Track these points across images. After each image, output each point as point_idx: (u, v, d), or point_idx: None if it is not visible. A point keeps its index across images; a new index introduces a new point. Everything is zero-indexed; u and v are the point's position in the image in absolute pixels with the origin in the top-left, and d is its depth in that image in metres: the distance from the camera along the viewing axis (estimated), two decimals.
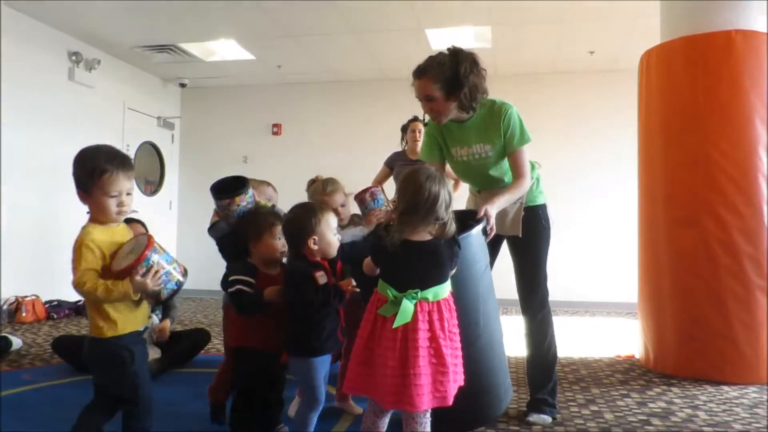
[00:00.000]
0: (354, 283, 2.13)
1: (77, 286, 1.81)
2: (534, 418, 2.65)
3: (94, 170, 1.87)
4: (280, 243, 2.26)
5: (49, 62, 5.91)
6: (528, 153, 2.59)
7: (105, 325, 1.87)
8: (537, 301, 2.70)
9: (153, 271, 1.82)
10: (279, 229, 2.27)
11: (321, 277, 2.10)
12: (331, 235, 2.16)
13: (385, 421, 2.05)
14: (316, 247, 2.12)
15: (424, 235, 1.94)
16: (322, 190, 2.81)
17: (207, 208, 2.70)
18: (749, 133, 3.50)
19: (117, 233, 1.95)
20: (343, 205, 2.82)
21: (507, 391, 2.50)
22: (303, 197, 2.53)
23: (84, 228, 1.90)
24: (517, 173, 2.57)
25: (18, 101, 5.47)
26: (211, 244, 2.72)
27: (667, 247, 3.68)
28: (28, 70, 5.62)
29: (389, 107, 7.17)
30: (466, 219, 2.34)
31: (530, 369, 2.76)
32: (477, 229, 2.28)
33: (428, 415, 1.91)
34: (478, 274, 2.30)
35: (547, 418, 2.66)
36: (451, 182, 2.03)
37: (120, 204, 1.91)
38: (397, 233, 1.91)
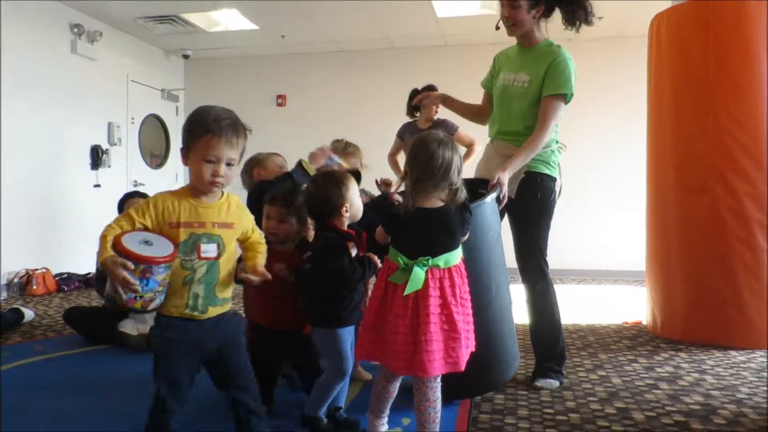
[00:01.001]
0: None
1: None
2: (541, 383, 2.67)
3: (195, 130, 1.70)
4: (270, 223, 2.28)
5: (51, 35, 5.86)
6: (561, 110, 2.57)
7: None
8: (533, 271, 2.67)
9: (136, 285, 1.58)
10: (272, 209, 2.29)
11: (353, 249, 2.10)
12: (357, 198, 2.16)
13: (396, 386, 2.07)
14: (347, 215, 2.11)
15: (435, 202, 1.93)
16: (342, 148, 2.85)
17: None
18: (761, 100, 3.46)
19: (210, 210, 1.74)
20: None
21: (515, 358, 2.53)
22: None
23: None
24: (540, 123, 2.55)
25: (21, 74, 5.43)
26: None
27: (676, 215, 3.67)
28: (30, 43, 5.57)
29: (395, 77, 7.10)
30: (478, 187, 2.34)
31: (534, 337, 2.77)
32: (491, 197, 2.28)
33: (439, 380, 1.92)
34: (490, 242, 2.30)
35: (554, 383, 2.69)
36: (463, 149, 2.02)
37: (215, 173, 1.69)
38: (412, 201, 1.91)
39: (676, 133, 3.69)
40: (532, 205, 2.60)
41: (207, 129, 1.68)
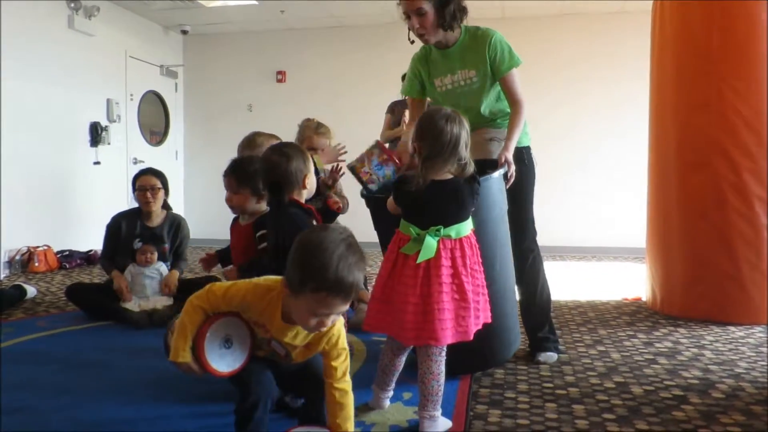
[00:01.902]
0: None
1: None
2: (542, 357, 2.68)
3: (310, 278, 1.48)
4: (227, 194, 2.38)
5: (48, 10, 5.79)
6: (519, 77, 2.54)
7: None
8: (526, 245, 2.67)
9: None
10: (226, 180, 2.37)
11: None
12: (313, 173, 2.18)
13: (402, 360, 2.10)
14: (308, 188, 2.11)
15: (446, 174, 1.95)
16: (315, 126, 2.88)
17: (212, 157, 2.71)
18: (765, 73, 3.42)
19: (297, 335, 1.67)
20: (323, 150, 2.91)
21: (517, 336, 2.55)
22: None
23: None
24: (512, 99, 2.53)
25: (18, 51, 5.38)
26: (218, 195, 2.76)
27: (677, 191, 3.66)
28: (26, 19, 5.50)
29: (396, 52, 7.01)
30: (485, 168, 2.34)
31: (525, 312, 2.76)
32: (498, 173, 2.29)
33: (444, 354, 1.94)
34: (496, 218, 2.31)
35: (554, 355, 2.71)
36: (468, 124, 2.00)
37: (320, 324, 1.57)
38: (423, 177, 1.91)
39: (677, 107, 3.67)
40: (520, 178, 2.53)
41: (325, 285, 1.44)
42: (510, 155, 2.40)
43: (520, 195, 2.60)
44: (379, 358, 2.13)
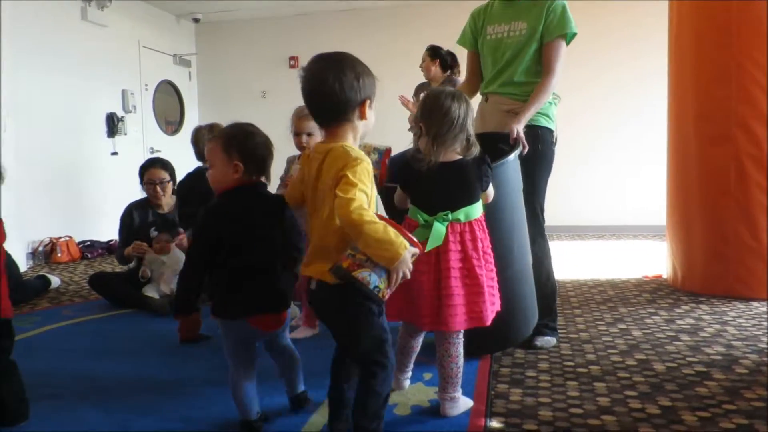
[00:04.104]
0: None
1: (356, 207, 1.48)
2: (540, 341, 2.61)
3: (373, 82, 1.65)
4: None
5: (61, 2, 5.81)
6: (565, 52, 2.51)
7: None
8: (532, 228, 2.52)
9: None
10: None
11: None
12: None
13: (419, 341, 2.10)
14: None
15: (452, 156, 1.92)
16: (300, 110, 2.79)
17: None
18: None
19: None
20: (310, 134, 2.78)
21: (534, 315, 2.52)
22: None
23: (350, 146, 1.61)
24: (546, 68, 2.50)
25: (33, 43, 5.42)
26: None
27: (697, 166, 3.61)
28: (40, 12, 5.54)
29: (410, 34, 6.97)
30: (496, 142, 2.31)
31: None
32: (514, 155, 2.25)
33: (461, 336, 1.94)
34: (513, 200, 2.28)
35: (552, 340, 2.66)
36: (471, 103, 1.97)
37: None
38: (434, 156, 1.88)
39: (697, 81, 3.61)
40: (533, 159, 2.46)
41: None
42: (521, 128, 2.35)
43: (530, 180, 2.46)
44: (397, 340, 2.13)
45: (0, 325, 1.91)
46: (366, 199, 1.52)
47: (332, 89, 1.58)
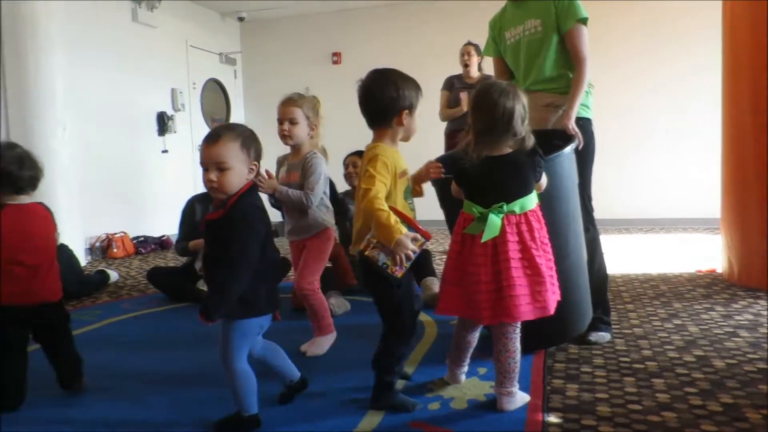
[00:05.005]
0: None
1: (371, 197, 1.77)
2: (595, 337, 2.59)
3: (420, 89, 1.99)
4: None
5: (113, 4, 5.99)
6: (587, 35, 2.50)
7: None
8: (583, 222, 2.51)
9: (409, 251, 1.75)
10: None
11: None
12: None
13: (476, 336, 2.12)
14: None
15: (504, 149, 1.93)
16: (285, 97, 2.65)
17: (273, 140, 2.72)
18: None
19: (399, 157, 1.96)
20: (293, 122, 2.58)
21: (588, 310, 2.51)
22: (365, 127, 2.13)
23: (380, 146, 1.93)
24: (575, 56, 2.50)
25: (87, 46, 5.61)
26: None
27: (753, 155, 3.51)
28: (92, 13, 5.72)
29: (451, 29, 6.93)
30: (550, 138, 2.31)
31: None
32: (569, 148, 2.26)
33: (518, 331, 1.94)
34: (568, 193, 2.30)
35: (606, 335, 2.63)
36: (525, 98, 1.97)
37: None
38: (477, 152, 1.91)
39: (753, 68, 3.50)
40: (578, 151, 2.45)
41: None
42: (573, 123, 2.37)
43: (580, 169, 2.47)
44: (453, 335, 2.15)
45: (51, 306, 2.15)
46: (384, 188, 1.83)
47: (374, 99, 1.93)
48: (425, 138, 2.80)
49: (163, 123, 6.55)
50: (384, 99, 1.91)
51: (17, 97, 4.76)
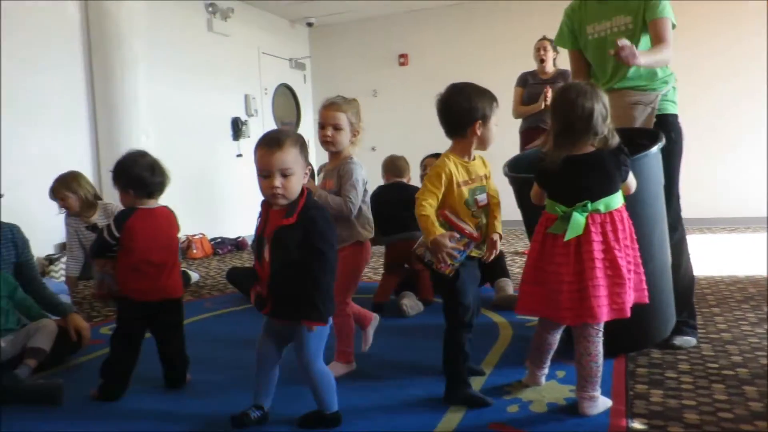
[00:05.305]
0: None
1: (418, 204, 1.97)
2: (679, 341, 2.50)
3: (494, 101, 2.04)
4: None
5: (189, 15, 6.26)
6: (671, 30, 2.39)
7: None
8: (669, 222, 2.44)
9: (449, 252, 1.92)
10: None
11: None
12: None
13: (557, 338, 2.10)
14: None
15: (587, 148, 1.91)
16: (326, 100, 2.54)
17: None
18: None
19: (472, 165, 2.06)
20: (336, 127, 2.44)
21: (672, 314, 2.44)
22: (434, 128, 2.19)
23: (444, 154, 2.07)
24: (658, 41, 2.38)
25: (164, 55, 5.87)
26: None
27: None
28: (170, 26, 5.99)
29: (519, 28, 6.84)
30: (636, 138, 2.26)
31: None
32: (656, 148, 2.20)
33: (601, 333, 1.91)
34: (654, 194, 2.24)
35: (692, 340, 2.53)
36: (606, 97, 1.92)
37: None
38: (556, 153, 1.89)
39: None
40: (667, 147, 2.37)
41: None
42: (638, 60, 2.23)
43: (666, 168, 2.41)
44: (533, 336, 2.14)
45: (173, 303, 2.31)
46: (433, 196, 1.97)
47: (449, 111, 2.03)
48: (499, 137, 2.78)
49: (237, 128, 6.78)
50: (458, 111, 2.00)
51: (105, 107, 5.07)
